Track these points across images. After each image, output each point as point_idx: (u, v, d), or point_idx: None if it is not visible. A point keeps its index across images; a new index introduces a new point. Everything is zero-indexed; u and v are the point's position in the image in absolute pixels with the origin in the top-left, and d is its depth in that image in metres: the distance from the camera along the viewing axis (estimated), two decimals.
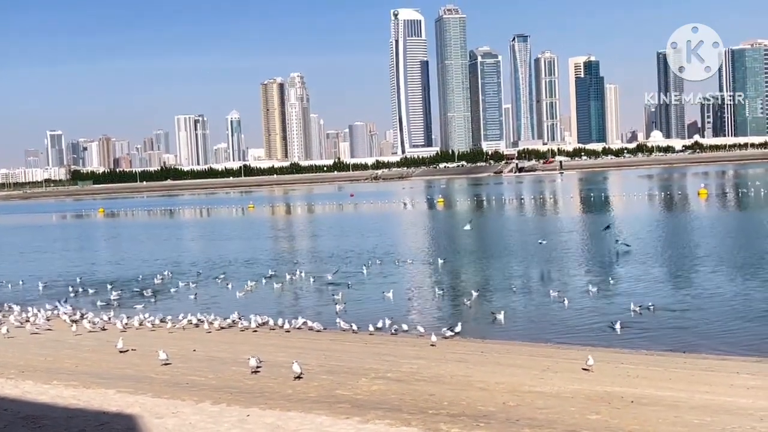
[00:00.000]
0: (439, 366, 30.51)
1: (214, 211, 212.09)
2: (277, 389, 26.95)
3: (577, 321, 41.70)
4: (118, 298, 56.06)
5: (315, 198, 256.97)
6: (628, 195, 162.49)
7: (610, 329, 39.09)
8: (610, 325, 39.43)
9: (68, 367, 32.37)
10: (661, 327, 39.32)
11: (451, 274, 62.17)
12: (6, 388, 28.14)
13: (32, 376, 30.23)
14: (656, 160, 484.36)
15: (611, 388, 25.96)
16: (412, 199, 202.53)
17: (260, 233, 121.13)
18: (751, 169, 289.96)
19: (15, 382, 29.14)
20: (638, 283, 52.38)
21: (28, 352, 36.22)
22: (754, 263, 58.85)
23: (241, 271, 69.93)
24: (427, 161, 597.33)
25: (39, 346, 37.68)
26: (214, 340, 38.59)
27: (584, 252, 72.73)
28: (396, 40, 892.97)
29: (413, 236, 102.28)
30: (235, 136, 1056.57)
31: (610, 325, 39.42)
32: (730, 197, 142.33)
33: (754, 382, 26.81)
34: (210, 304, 51.81)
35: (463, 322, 40.90)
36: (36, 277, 69.83)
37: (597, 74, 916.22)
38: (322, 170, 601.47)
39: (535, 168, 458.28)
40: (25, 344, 38.54)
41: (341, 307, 46.84)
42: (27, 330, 42.40)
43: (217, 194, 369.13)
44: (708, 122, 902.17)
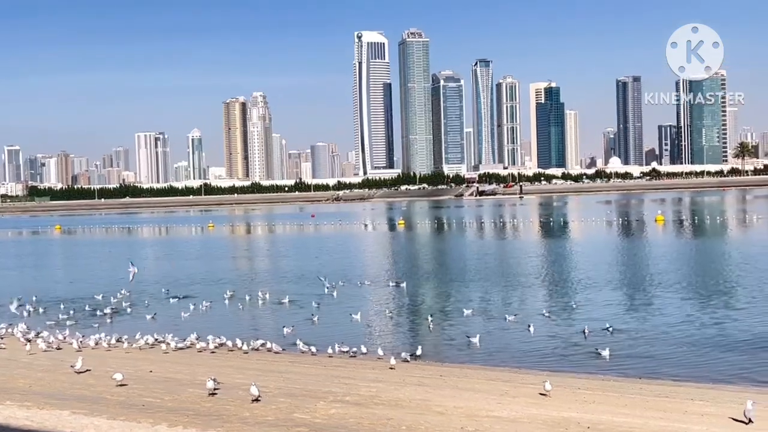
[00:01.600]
0: (397, 389, 30.48)
1: (174, 229, 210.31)
2: (234, 412, 26.74)
3: (534, 345, 41.92)
4: (73, 317, 55.29)
5: (276, 218, 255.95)
6: (586, 220, 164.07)
7: (567, 354, 39.40)
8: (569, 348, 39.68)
9: (22, 387, 31.84)
10: (617, 352, 39.64)
11: (412, 297, 62.21)
12: None
13: None
14: (614, 186, 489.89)
15: (568, 414, 26.13)
16: (374, 221, 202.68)
17: (220, 253, 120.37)
18: (707, 197, 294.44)
19: None
20: (595, 308, 52.75)
21: None
22: (709, 290, 59.67)
23: (199, 291, 69.34)
24: (389, 183, 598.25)
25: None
26: (171, 361, 38.20)
27: (542, 276, 73.19)
28: (359, 62, 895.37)
29: (374, 258, 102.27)
30: (196, 155, 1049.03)
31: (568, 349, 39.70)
32: (687, 224, 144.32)
33: (708, 409, 27.12)
34: (167, 325, 51.24)
35: (423, 345, 40.96)
36: None
37: (557, 100, 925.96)
38: (283, 190, 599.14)
39: (496, 192, 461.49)
40: None
41: (289, 330, 46.34)
42: None
43: (177, 213, 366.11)
44: (665, 150, 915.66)
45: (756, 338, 41.70)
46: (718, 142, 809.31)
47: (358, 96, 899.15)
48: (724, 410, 26.62)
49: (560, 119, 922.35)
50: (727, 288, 60.64)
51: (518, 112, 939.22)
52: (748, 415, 24.70)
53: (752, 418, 24.67)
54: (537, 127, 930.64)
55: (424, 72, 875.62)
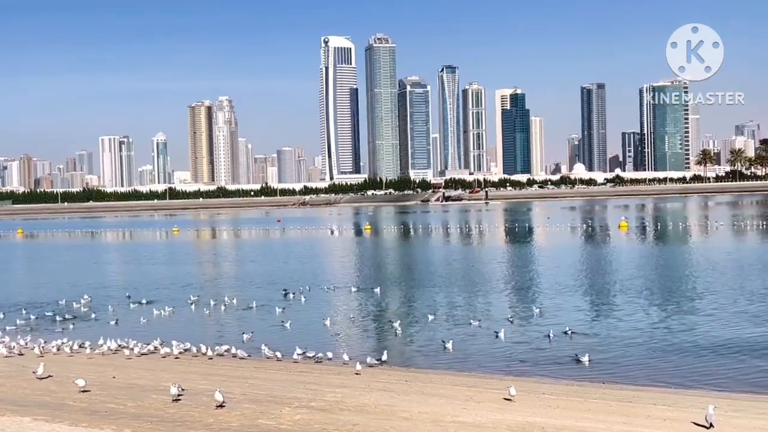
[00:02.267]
0: (363, 395, 30.46)
1: (138, 234, 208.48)
2: (198, 418, 26.57)
3: (500, 350, 42.13)
4: (35, 323, 54.64)
5: (241, 223, 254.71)
6: (551, 226, 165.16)
7: (531, 359, 39.65)
8: (534, 353, 39.92)
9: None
10: (579, 357, 39.97)
11: (378, 302, 62.20)
12: None
13: None
14: (579, 192, 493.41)
15: (532, 419, 26.28)
16: (340, 226, 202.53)
17: (185, 257, 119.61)
18: (670, 203, 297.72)
19: None
20: (560, 314, 53.08)
21: None
22: (672, 296, 60.34)
23: (164, 296, 68.84)
24: (355, 188, 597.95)
25: None
26: (134, 367, 37.87)
27: (508, 282, 73.55)
28: (326, 66, 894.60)
29: (340, 264, 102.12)
30: (161, 159, 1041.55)
31: (533, 354, 39.95)
32: (650, 231, 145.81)
33: (671, 413, 27.41)
34: (131, 330, 50.80)
35: (388, 350, 40.96)
36: None
37: (523, 107, 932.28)
38: (249, 195, 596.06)
39: (462, 197, 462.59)
40: None
41: (249, 336, 45.98)
42: None
43: (141, 217, 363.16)
44: (629, 156, 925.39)
45: (717, 343, 42.22)
46: (680, 149, 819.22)
47: (325, 101, 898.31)
48: (686, 415, 26.93)
49: (525, 125, 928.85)
50: (689, 294, 61.34)
51: (484, 118, 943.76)
52: (709, 420, 25.01)
53: (713, 423, 24.99)
54: (502, 133, 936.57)
55: (390, 77, 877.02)
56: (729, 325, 47.55)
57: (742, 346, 41.31)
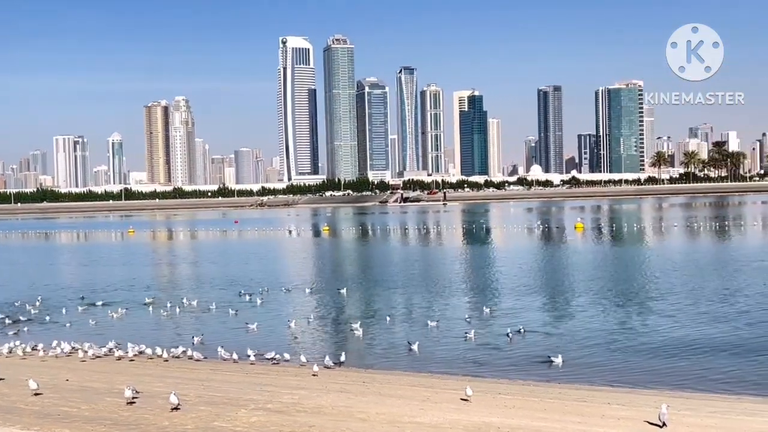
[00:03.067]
0: (320, 396, 30.40)
1: (93, 235, 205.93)
2: (153, 421, 26.32)
3: (456, 351, 42.27)
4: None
5: (198, 224, 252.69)
6: (508, 227, 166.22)
7: (488, 359, 39.87)
8: (490, 352, 40.13)
9: None
10: (536, 358, 40.31)
11: (336, 303, 62.11)
12: None
13: None
14: (536, 193, 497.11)
15: (489, 419, 26.41)
16: (298, 227, 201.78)
17: (140, 259, 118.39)
18: (625, 205, 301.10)
19: None
20: (516, 314, 53.39)
21: None
22: (626, 296, 61.05)
23: (119, 298, 68.05)
24: (314, 189, 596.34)
25: None
26: (88, 370, 37.40)
27: (465, 282, 73.89)
28: (284, 67, 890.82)
29: (298, 264, 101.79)
30: (117, 159, 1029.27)
31: (490, 355, 40.18)
32: (605, 232, 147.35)
33: (625, 412, 27.72)
34: (85, 332, 50.20)
35: (346, 351, 40.92)
36: None
37: (480, 108, 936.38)
38: (206, 195, 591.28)
39: (420, 198, 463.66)
40: None
41: (199, 339, 45.22)
42: None
43: (97, 218, 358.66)
44: (585, 158, 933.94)
45: (671, 343, 42.79)
46: (635, 152, 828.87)
47: (283, 101, 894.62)
48: (640, 414, 27.27)
49: (483, 127, 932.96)
50: (644, 294, 62.09)
51: (442, 119, 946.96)
52: (662, 419, 25.33)
53: (666, 422, 25.31)
54: (460, 135, 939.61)
55: (348, 78, 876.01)
56: (682, 325, 48.21)
57: (694, 346, 41.91)
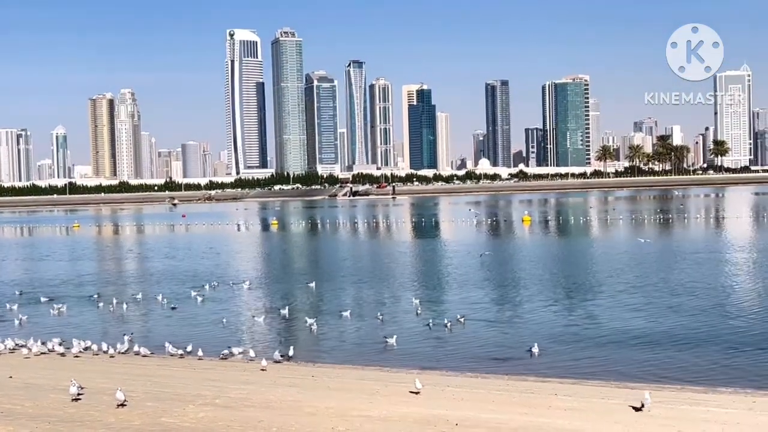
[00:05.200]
0: (269, 391, 30.31)
1: (37, 230, 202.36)
2: (98, 418, 26.01)
3: (405, 344, 42.39)
4: None
5: (145, 218, 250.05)
6: (457, 220, 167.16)
7: (437, 352, 40.14)
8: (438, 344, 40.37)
9: None
10: (483, 350, 40.68)
11: (285, 297, 61.89)
12: None
13: None
14: (484, 187, 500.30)
15: (437, 411, 26.58)
16: (246, 221, 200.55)
17: (86, 254, 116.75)
18: (572, 198, 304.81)
19: None
20: (462, 307, 53.67)
21: None
22: (572, 288, 61.86)
23: (64, 293, 67.04)
24: (262, 183, 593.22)
25: None
26: (32, 366, 36.79)
27: (414, 275, 74.18)
28: (231, 60, 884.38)
29: (247, 259, 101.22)
30: (61, 153, 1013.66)
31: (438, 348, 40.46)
32: (552, 224, 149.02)
33: (571, 403, 28.09)
34: (30, 328, 49.40)
35: (295, 346, 40.85)
36: None
37: (429, 102, 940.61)
38: (152, 189, 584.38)
39: (369, 192, 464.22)
40: None
41: (129, 337, 43.16)
42: None
43: (41, 212, 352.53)
44: (532, 152, 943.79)
45: (616, 335, 43.45)
46: (581, 146, 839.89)
47: (231, 95, 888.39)
48: (587, 405, 27.66)
49: (432, 121, 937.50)
50: (589, 285, 62.92)
51: (391, 113, 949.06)
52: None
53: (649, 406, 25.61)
54: (409, 129, 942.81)
55: (297, 72, 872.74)
56: (628, 316, 48.93)
57: (639, 337, 42.59)
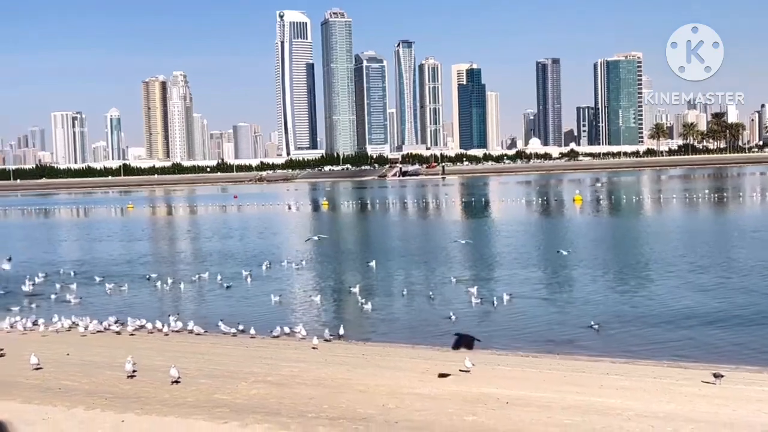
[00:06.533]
0: (320, 369, 30.51)
1: (92, 211, 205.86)
2: (153, 394, 26.41)
3: (456, 323, 42.27)
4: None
5: (197, 199, 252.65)
6: (507, 200, 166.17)
7: (488, 331, 40.01)
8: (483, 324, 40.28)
9: None
10: (534, 330, 40.48)
11: (336, 277, 62.23)
12: None
13: None
14: (534, 166, 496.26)
15: (487, 390, 26.53)
16: (297, 202, 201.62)
17: (140, 234, 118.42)
18: (624, 177, 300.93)
19: None
20: (512, 287, 53.42)
21: None
22: (623, 267, 61.15)
23: (119, 272, 68.13)
24: (312, 164, 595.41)
25: None
26: (89, 344, 37.49)
27: (464, 255, 73.94)
28: (282, 41, 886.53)
29: (298, 239, 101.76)
30: (115, 135, 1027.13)
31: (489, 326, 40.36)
32: (604, 204, 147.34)
33: (623, 383, 27.85)
34: (86, 307, 50.34)
35: (345, 325, 41.04)
36: None
37: (479, 82, 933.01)
38: (205, 171, 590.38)
39: (419, 172, 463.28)
40: None
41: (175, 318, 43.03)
42: None
43: (96, 194, 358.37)
44: (583, 131, 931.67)
45: (668, 314, 42.92)
46: (634, 124, 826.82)
47: (281, 76, 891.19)
48: (639, 384, 27.40)
49: (482, 100, 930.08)
50: (642, 264, 62.16)
51: (440, 93, 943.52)
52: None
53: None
54: (459, 108, 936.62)
55: (347, 52, 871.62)
56: (681, 296, 48.29)
57: (692, 317, 42.01)
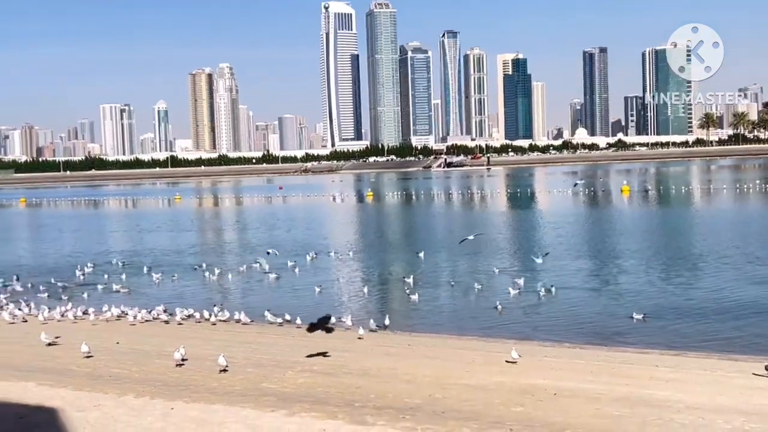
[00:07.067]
0: (366, 359, 30.53)
1: (140, 202, 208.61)
2: (201, 382, 26.64)
3: (502, 314, 42.12)
4: (39, 290, 54.70)
5: (243, 190, 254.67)
6: (553, 191, 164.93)
7: (533, 322, 39.80)
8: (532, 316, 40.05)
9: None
10: (581, 321, 40.12)
11: (381, 267, 62.26)
12: None
13: None
14: (581, 157, 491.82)
15: (535, 381, 26.33)
16: (342, 193, 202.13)
17: (187, 225, 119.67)
18: (672, 167, 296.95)
19: None
20: (561, 277, 53.04)
21: None
22: (672, 258, 60.29)
23: (167, 262, 68.91)
24: (357, 155, 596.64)
25: None
26: (138, 333, 37.97)
27: (510, 246, 73.56)
28: (326, 33, 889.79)
29: (343, 230, 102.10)
30: (162, 127, 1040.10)
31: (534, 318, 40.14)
32: (652, 194, 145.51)
33: (673, 375, 27.46)
34: (135, 296, 51.01)
35: (391, 315, 41.04)
36: None
37: (524, 72, 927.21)
38: (250, 162, 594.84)
39: (464, 163, 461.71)
40: None
41: (218, 308, 42.97)
42: None
43: (143, 185, 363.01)
44: (631, 120, 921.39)
45: (718, 305, 42.29)
46: (683, 113, 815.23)
47: (326, 67, 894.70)
48: (689, 376, 27.01)
49: (527, 91, 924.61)
50: (693, 255, 61.19)
51: (485, 83, 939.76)
52: None
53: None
54: (504, 99, 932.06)
55: (391, 43, 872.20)
56: (731, 288, 47.47)
57: (744, 309, 41.30)
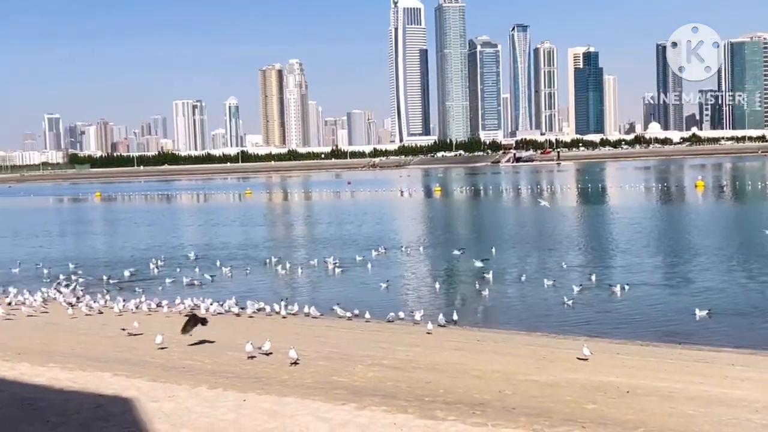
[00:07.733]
0: (435, 354, 30.48)
1: (212, 196, 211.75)
2: (273, 375, 26.89)
3: (573, 311, 41.70)
4: (114, 283, 55.93)
5: (312, 185, 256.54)
6: (624, 186, 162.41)
7: (605, 319, 39.26)
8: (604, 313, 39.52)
9: (64, 350, 32.23)
10: (653, 318, 39.44)
11: (449, 263, 62.06)
12: (2, 370, 28.04)
13: (28, 358, 30.07)
14: (654, 151, 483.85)
15: (607, 378, 25.96)
16: (410, 188, 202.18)
17: (258, 219, 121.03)
18: (748, 162, 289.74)
19: (11, 364, 29.01)
20: (631, 274, 52.23)
21: (23, 334, 36.13)
22: (748, 256, 58.84)
23: (238, 257, 69.81)
24: (425, 150, 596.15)
25: (35, 329, 37.61)
26: (210, 325, 38.46)
27: (580, 242, 72.67)
28: (395, 28, 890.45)
29: (411, 224, 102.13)
30: (233, 122, 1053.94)
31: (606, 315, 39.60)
32: (728, 190, 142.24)
33: (749, 374, 26.84)
34: (207, 290, 51.77)
35: (459, 310, 40.89)
36: (33, 261, 69.53)
37: (596, 65, 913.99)
38: (319, 157, 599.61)
39: (533, 158, 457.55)
40: (21, 327, 38.48)
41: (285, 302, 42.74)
42: (23, 312, 42.33)
43: (215, 180, 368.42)
44: (706, 115, 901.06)
45: None
46: (759, 107, 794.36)
47: (394, 62, 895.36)
48: (766, 375, 26.35)
49: (599, 84, 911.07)
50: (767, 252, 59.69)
51: (556, 77, 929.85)
52: None
53: None
54: (575, 93, 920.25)
55: (460, 37, 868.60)
56: None
57: None
